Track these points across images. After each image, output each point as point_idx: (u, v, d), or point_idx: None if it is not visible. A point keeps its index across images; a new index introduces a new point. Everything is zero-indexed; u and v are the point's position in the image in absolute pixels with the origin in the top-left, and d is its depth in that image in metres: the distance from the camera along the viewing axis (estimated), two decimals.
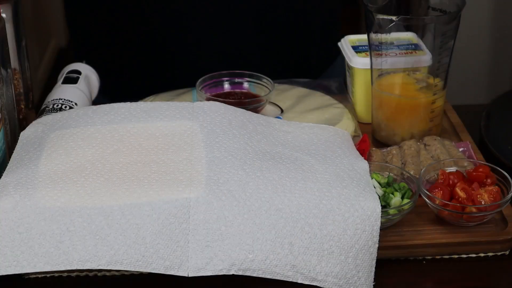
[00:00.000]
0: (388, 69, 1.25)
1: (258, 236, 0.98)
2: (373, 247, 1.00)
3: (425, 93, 1.24)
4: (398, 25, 1.19)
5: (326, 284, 0.98)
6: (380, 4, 1.22)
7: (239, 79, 1.31)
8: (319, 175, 1.04)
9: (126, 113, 1.12)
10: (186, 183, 1.00)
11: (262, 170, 1.03)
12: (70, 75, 1.32)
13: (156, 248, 0.97)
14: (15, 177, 1.02)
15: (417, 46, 1.28)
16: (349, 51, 1.32)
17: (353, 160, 1.09)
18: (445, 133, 1.29)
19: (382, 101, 1.25)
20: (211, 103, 1.14)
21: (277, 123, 1.16)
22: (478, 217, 1.06)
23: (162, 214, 0.97)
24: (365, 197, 1.01)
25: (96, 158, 1.04)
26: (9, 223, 0.97)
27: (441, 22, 1.20)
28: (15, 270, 0.97)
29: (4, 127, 1.13)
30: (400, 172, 1.11)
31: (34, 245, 0.97)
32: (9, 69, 1.18)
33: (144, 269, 0.97)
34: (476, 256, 1.06)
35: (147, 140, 1.07)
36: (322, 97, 1.34)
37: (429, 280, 1.03)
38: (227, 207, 0.98)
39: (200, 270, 0.97)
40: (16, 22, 1.23)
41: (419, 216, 1.09)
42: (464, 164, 1.14)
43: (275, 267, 0.97)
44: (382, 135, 1.27)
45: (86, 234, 0.97)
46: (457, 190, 1.07)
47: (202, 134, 1.08)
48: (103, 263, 0.97)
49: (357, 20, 3.37)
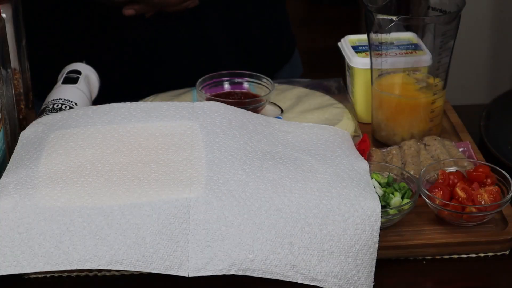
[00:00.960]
0: (388, 69, 1.25)
1: (258, 236, 0.97)
2: (373, 247, 1.00)
3: (425, 93, 1.24)
4: (398, 25, 1.19)
5: (326, 284, 0.98)
6: (380, 4, 1.22)
7: (239, 79, 1.31)
8: (319, 175, 1.04)
9: (126, 113, 1.12)
10: (186, 183, 1.00)
11: (262, 170, 1.03)
12: (70, 75, 1.32)
13: (156, 248, 0.97)
14: (15, 177, 1.02)
15: (417, 46, 1.28)
16: (349, 51, 1.32)
17: (353, 160, 1.09)
18: (445, 133, 1.29)
19: (382, 101, 1.25)
20: (211, 103, 1.14)
21: (277, 123, 1.16)
22: (478, 217, 1.06)
23: (162, 214, 0.97)
24: (365, 197, 1.01)
25: (96, 158, 1.04)
26: (9, 223, 0.97)
27: (441, 22, 1.20)
28: (15, 270, 0.97)
29: (4, 127, 1.13)
30: (400, 172, 1.11)
31: (34, 245, 0.97)
32: (9, 69, 1.18)
33: (144, 269, 0.97)
34: (476, 256, 1.06)
35: (147, 140, 1.07)
36: (322, 97, 1.34)
37: (429, 280, 1.03)
38: (227, 207, 0.98)
39: (200, 270, 0.97)
40: (16, 22, 1.23)
41: (419, 216, 1.09)
42: (464, 164, 1.14)
43: (275, 267, 0.97)
44: (382, 135, 1.27)
45: (86, 234, 0.97)
46: (457, 190, 1.07)
47: (202, 134, 1.08)
48: (103, 263, 0.97)
49: (357, 20, 3.37)
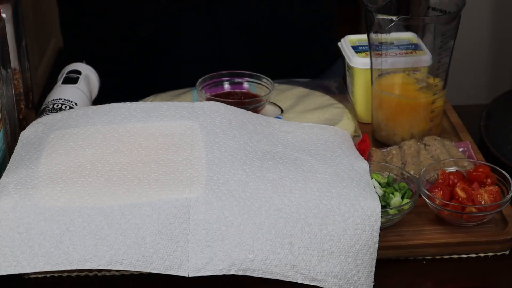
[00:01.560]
0: (388, 69, 1.25)
1: (258, 236, 0.97)
2: (373, 247, 1.00)
3: (425, 93, 1.24)
4: (398, 25, 1.19)
5: (326, 284, 0.98)
6: (380, 4, 1.22)
7: (239, 79, 1.31)
8: (319, 175, 1.04)
9: (126, 113, 1.12)
10: (186, 183, 1.00)
11: (262, 170, 1.03)
12: (70, 75, 1.32)
13: (156, 248, 0.97)
14: (15, 177, 1.02)
15: (417, 46, 1.28)
16: (349, 51, 1.32)
17: (353, 160, 1.09)
18: (445, 133, 1.29)
19: (382, 101, 1.25)
20: (211, 103, 1.14)
21: (277, 123, 1.16)
22: (478, 217, 1.06)
23: (162, 214, 0.97)
24: (365, 197, 1.01)
25: (96, 158, 1.04)
26: (9, 223, 0.97)
27: (441, 22, 1.20)
28: (15, 270, 0.97)
29: (4, 127, 1.13)
30: (400, 172, 1.11)
31: (34, 245, 0.97)
32: (9, 69, 1.18)
33: (144, 269, 0.97)
34: (476, 256, 1.06)
35: (147, 140, 1.07)
36: (322, 97, 1.34)
37: (429, 280, 1.03)
38: (227, 207, 0.98)
39: (200, 270, 0.97)
40: (16, 22, 1.23)
41: (419, 216, 1.09)
42: (464, 164, 1.14)
43: (275, 267, 0.97)
44: (382, 135, 1.27)
45: (86, 234, 0.97)
46: (457, 190, 1.07)
47: (202, 134, 1.08)
48: (103, 263, 0.96)
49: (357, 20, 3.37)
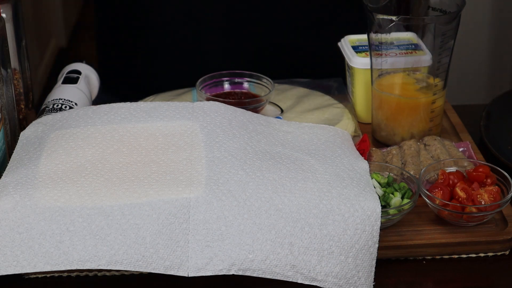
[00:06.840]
0: (388, 69, 1.25)
1: (258, 236, 0.97)
2: (373, 247, 1.00)
3: (425, 93, 1.24)
4: (398, 25, 1.19)
5: (326, 284, 0.98)
6: (380, 4, 1.22)
7: (239, 79, 1.31)
8: (319, 175, 1.04)
9: (126, 113, 1.12)
10: (186, 183, 1.00)
11: (262, 170, 1.03)
12: (70, 75, 1.32)
13: (156, 248, 0.97)
14: (15, 177, 1.02)
15: (417, 46, 1.28)
16: (349, 51, 1.32)
17: (353, 160, 1.09)
18: (445, 133, 1.29)
19: (382, 101, 1.25)
20: (211, 103, 1.14)
21: (277, 123, 1.16)
22: (478, 217, 1.06)
23: (162, 214, 0.97)
24: (365, 197, 1.01)
25: (96, 158, 1.04)
26: (9, 223, 0.97)
27: (441, 22, 1.20)
28: (15, 270, 0.97)
29: (4, 127, 1.13)
30: (400, 172, 1.11)
31: (34, 245, 0.97)
32: (9, 69, 1.18)
33: (144, 269, 0.97)
34: (476, 256, 1.06)
35: (147, 140, 1.07)
36: (322, 97, 1.34)
37: (429, 280, 1.03)
38: (227, 207, 0.98)
39: (200, 270, 0.97)
40: (16, 22, 1.23)
41: (419, 216, 1.09)
42: (464, 164, 1.14)
43: (275, 267, 0.97)
44: (382, 135, 1.27)
45: (86, 234, 0.97)
46: (457, 190, 1.07)
47: (202, 134, 1.08)
48: (103, 263, 0.96)
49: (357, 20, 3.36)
